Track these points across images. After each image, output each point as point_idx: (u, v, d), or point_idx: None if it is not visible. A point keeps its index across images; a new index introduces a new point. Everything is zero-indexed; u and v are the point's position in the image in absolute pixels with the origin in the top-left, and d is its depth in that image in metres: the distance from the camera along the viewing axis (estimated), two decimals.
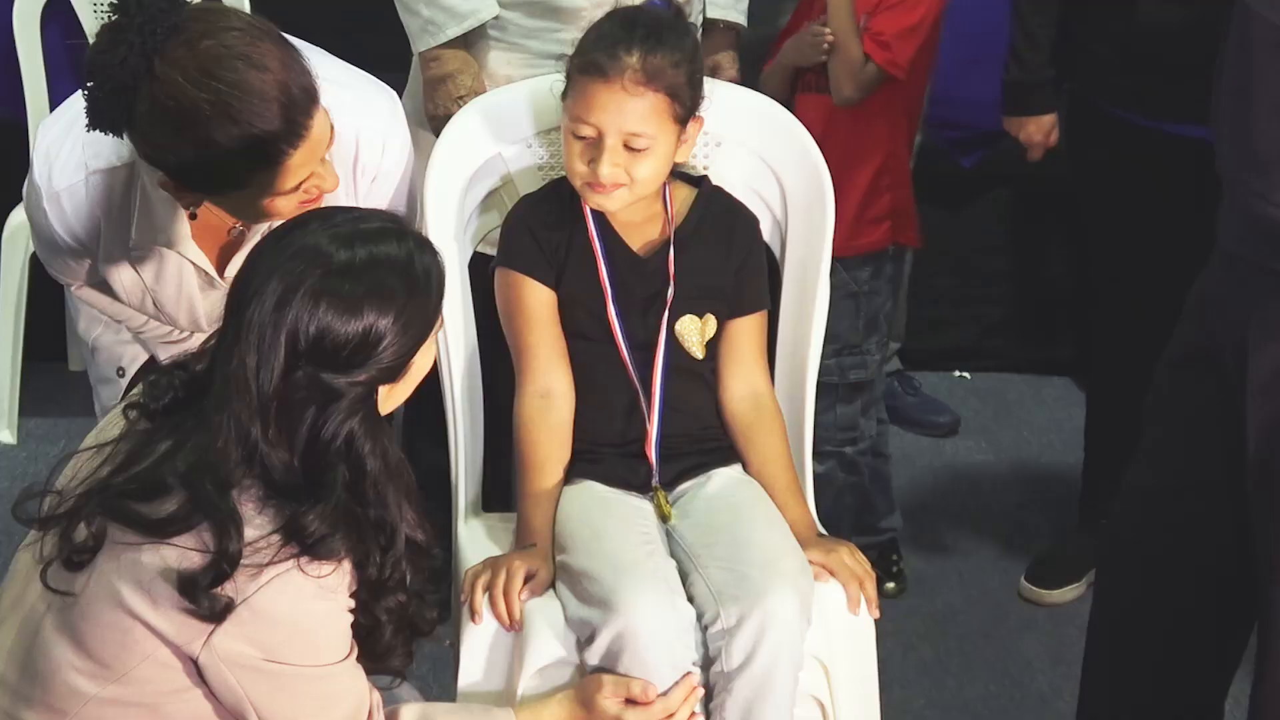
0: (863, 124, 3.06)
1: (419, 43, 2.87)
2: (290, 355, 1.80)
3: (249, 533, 1.79)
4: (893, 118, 3.11)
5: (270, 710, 1.83)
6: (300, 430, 1.82)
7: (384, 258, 1.86)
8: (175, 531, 1.78)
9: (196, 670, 1.81)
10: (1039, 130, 3.18)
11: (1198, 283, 2.22)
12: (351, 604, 1.88)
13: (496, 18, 2.87)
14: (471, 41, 2.90)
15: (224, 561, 1.76)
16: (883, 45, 3.00)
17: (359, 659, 1.92)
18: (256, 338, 1.80)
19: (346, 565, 1.84)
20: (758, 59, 3.20)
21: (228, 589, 1.77)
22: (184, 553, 1.77)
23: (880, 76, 3.01)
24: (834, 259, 2.55)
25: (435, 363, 2.45)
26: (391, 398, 1.93)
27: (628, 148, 2.28)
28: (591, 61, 2.27)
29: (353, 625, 1.89)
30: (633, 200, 2.35)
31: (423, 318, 1.89)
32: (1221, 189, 2.15)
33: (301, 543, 1.79)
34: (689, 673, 2.16)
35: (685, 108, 2.30)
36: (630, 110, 2.26)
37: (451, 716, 2.09)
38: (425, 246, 1.92)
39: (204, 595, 1.76)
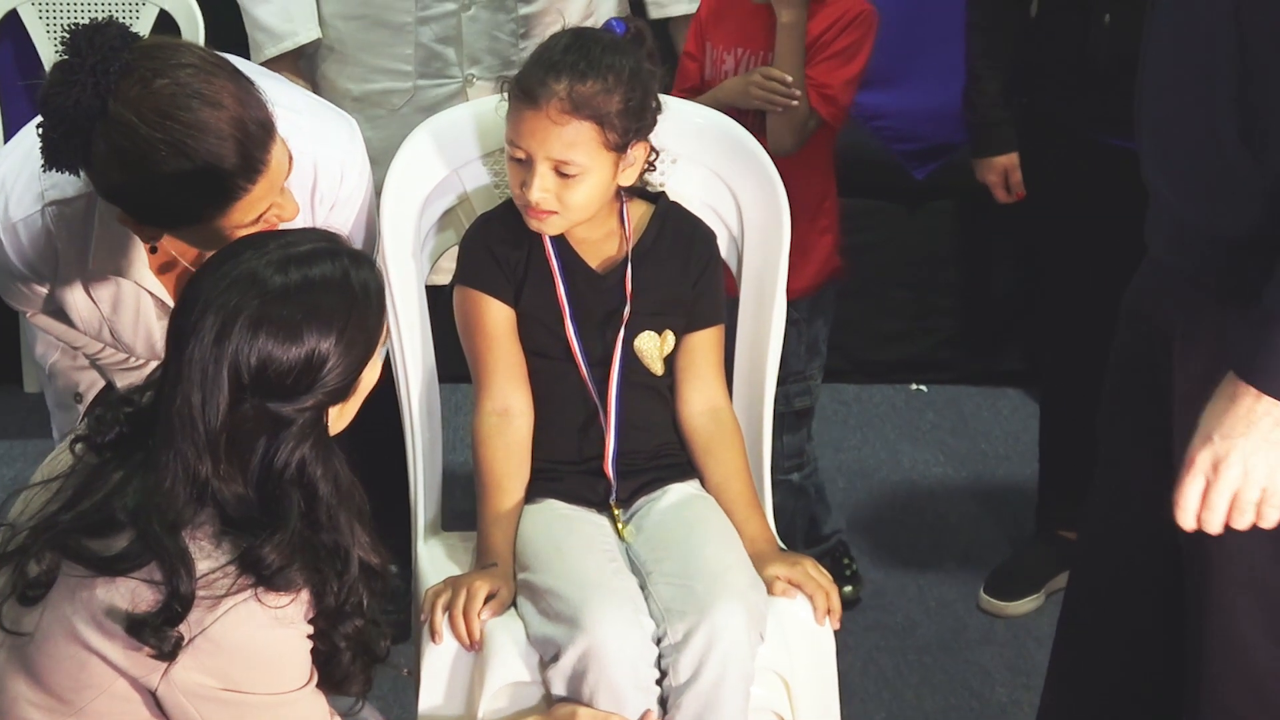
0: (799, 170, 2.93)
1: (253, 60, 2.94)
2: (235, 389, 1.78)
3: (206, 564, 1.77)
4: (826, 160, 3.08)
5: None
6: (252, 462, 1.81)
7: (319, 279, 1.83)
8: (127, 569, 1.76)
9: (155, 702, 1.80)
10: (992, 170, 3.21)
11: (1131, 288, 2.24)
12: (310, 630, 1.86)
13: (336, 29, 2.96)
14: (311, 53, 3.02)
15: (176, 603, 1.75)
16: (828, 99, 2.94)
17: (318, 685, 1.90)
18: (199, 374, 1.78)
19: (304, 594, 1.83)
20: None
21: (182, 627, 1.75)
22: (137, 588, 1.76)
23: (819, 125, 2.97)
24: None
25: (393, 385, 2.46)
26: (342, 416, 1.91)
27: (559, 173, 2.29)
28: (522, 87, 2.29)
29: (312, 651, 1.88)
30: (568, 225, 2.35)
31: (365, 333, 1.87)
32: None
33: (259, 574, 1.77)
34: (649, 710, 2.16)
35: (619, 134, 2.29)
36: (555, 138, 2.26)
37: None
38: (360, 262, 1.90)
39: (154, 636, 1.74)
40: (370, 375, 1.92)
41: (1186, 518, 1.87)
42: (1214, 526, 1.86)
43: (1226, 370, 1.86)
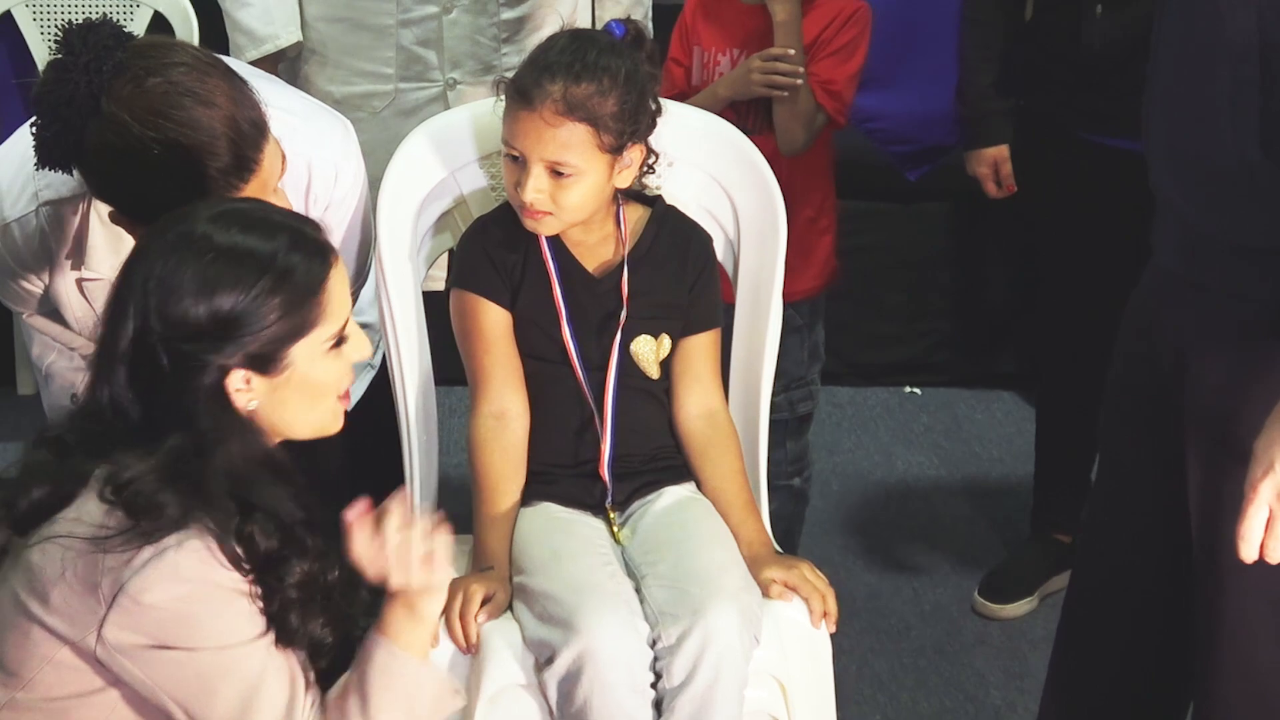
0: (801, 169, 2.96)
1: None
2: (138, 313, 1.80)
3: (111, 524, 1.76)
4: (826, 160, 3.07)
5: (185, 698, 1.80)
6: (143, 392, 1.81)
7: (241, 244, 1.83)
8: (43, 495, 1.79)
9: (105, 668, 1.79)
10: (982, 162, 3.21)
11: (1135, 294, 2.24)
12: (242, 584, 1.82)
13: (318, 31, 2.98)
14: (292, 56, 3.03)
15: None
16: (833, 95, 2.92)
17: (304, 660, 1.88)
18: (114, 292, 1.82)
19: (207, 536, 1.79)
20: None
21: (102, 578, 1.74)
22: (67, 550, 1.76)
23: (826, 122, 2.96)
24: None
25: (389, 388, 2.46)
26: (277, 402, 1.87)
27: (554, 174, 2.29)
28: (518, 87, 2.29)
29: (273, 616, 1.84)
30: (563, 227, 2.35)
31: (276, 314, 1.83)
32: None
33: (151, 515, 1.76)
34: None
35: (615, 137, 2.29)
36: (549, 139, 2.26)
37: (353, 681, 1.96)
38: (302, 247, 1.86)
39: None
40: (309, 368, 1.88)
41: (1250, 549, 1.83)
42: (1279, 556, 1.83)
43: (1261, 387, 1.85)
